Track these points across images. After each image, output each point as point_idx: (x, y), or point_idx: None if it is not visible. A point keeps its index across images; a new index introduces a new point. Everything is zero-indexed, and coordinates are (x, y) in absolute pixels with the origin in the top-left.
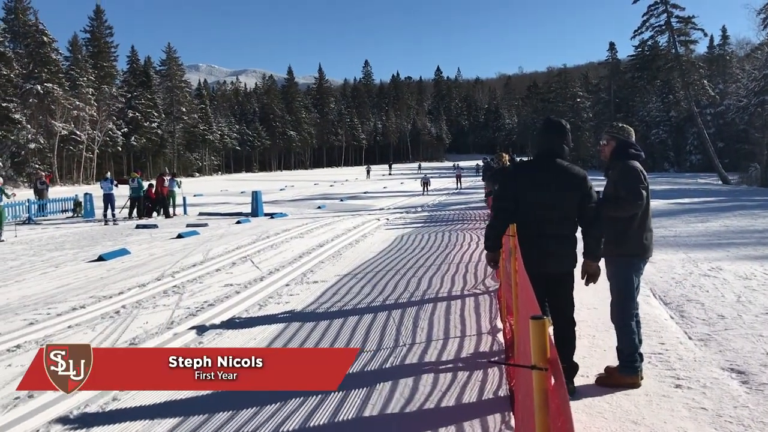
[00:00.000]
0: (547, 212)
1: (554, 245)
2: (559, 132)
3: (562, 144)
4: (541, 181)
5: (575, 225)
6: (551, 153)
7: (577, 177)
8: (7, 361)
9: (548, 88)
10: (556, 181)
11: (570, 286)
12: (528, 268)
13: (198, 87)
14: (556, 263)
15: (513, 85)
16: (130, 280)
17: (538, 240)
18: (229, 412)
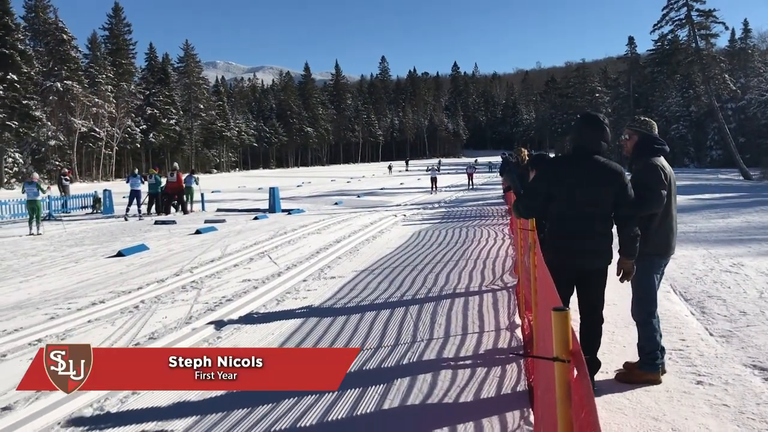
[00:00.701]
0: (583, 209)
1: (588, 242)
2: (597, 127)
3: (599, 140)
4: (578, 177)
5: (611, 222)
6: (588, 149)
7: (614, 173)
8: (29, 354)
9: (566, 83)
10: (592, 177)
11: (603, 283)
12: (559, 262)
13: (215, 84)
14: (589, 260)
15: (531, 80)
16: (149, 275)
17: (572, 236)
18: (245, 410)
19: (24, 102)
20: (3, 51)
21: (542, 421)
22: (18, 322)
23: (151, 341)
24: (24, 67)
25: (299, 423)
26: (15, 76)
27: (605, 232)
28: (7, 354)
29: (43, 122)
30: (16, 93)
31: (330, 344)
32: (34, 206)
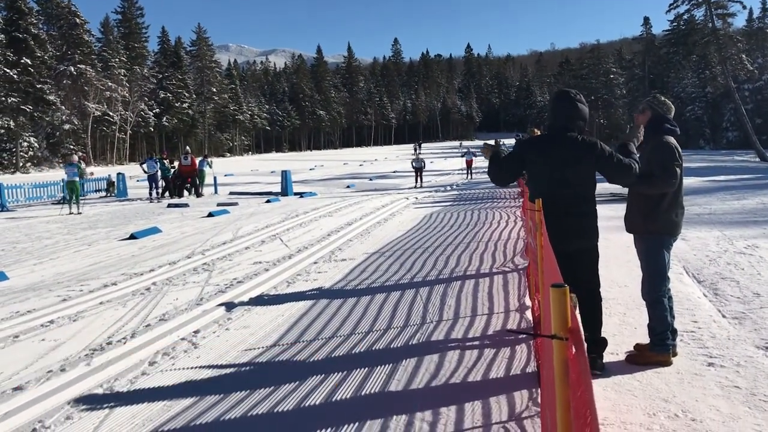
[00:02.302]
0: (559, 188)
1: (568, 221)
2: (568, 104)
3: (572, 117)
4: (551, 157)
5: (592, 201)
6: (561, 126)
7: (587, 147)
8: (41, 335)
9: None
10: (565, 155)
11: (592, 261)
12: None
13: (228, 67)
14: (570, 240)
15: (545, 61)
16: (161, 257)
17: (553, 217)
18: (247, 390)
19: (38, 86)
20: (17, 35)
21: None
22: (31, 303)
23: (161, 323)
24: (37, 51)
25: (304, 403)
26: (29, 60)
27: (586, 212)
28: (19, 335)
29: (57, 106)
30: (30, 77)
31: (339, 326)
32: (73, 186)
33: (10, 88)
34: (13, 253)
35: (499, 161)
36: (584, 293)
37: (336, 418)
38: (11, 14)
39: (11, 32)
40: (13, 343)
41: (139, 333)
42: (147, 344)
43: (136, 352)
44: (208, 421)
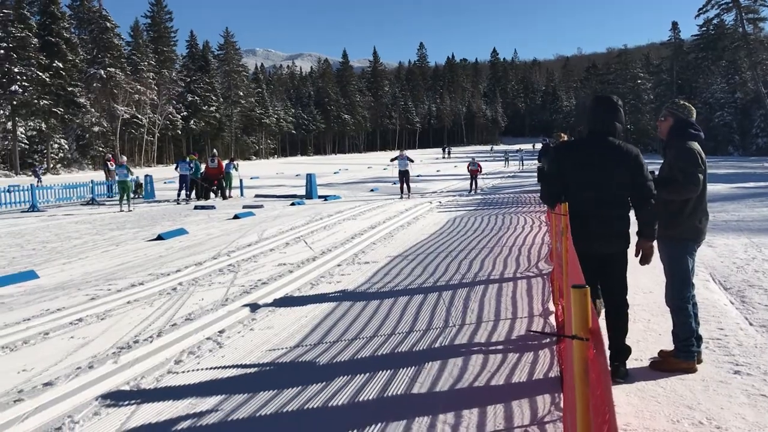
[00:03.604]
0: (597, 192)
1: (603, 226)
2: (610, 108)
3: (613, 121)
4: (590, 161)
5: (627, 205)
6: (602, 131)
7: (629, 155)
8: (71, 333)
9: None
10: (605, 159)
11: (620, 267)
12: (577, 247)
13: (255, 71)
14: (604, 244)
15: (571, 66)
16: (188, 258)
17: (586, 220)
18: (272, 391)
19: (69, 89)
20: (49, 39)
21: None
22: (60, 302)
23: (187, 322)
24: (69, 54)
25: (329, 403)
26: (60, 63)
27: (620, 216)
28: (49, 332)
29: (87, 109)
30: (61, 80)
31: (362, 328)
32: (124, 186)
33: (42, 90)
34: (43, 253)
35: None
36: (612, 299)
37: (360, 418)
38: (45, 19)
39: (44, 36)
40: (44, 340)
41: (166, 332)
42: (173, 343)
43: (162, 351)
44: (234, 420)
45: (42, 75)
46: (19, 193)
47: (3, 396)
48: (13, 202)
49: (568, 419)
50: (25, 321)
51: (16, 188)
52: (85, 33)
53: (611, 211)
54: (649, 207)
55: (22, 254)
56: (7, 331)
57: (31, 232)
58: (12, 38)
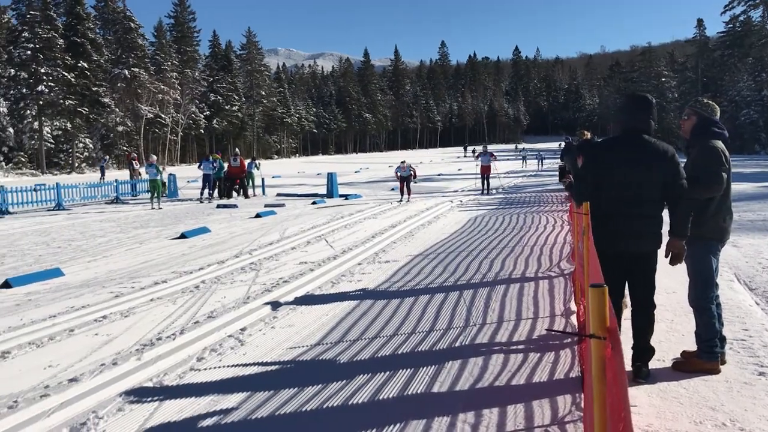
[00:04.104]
0: (630, 191)
1: (635, 224)
2: (646, 107)
3: (648, 120)
4: (625, 159)
5: (660, 204)
6: (637, 129)
7: (664, 153)
8: (95, 330)
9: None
10: (640, 157)
11: (650, 268)
12: (606, 246)
13: (277, 71)
14: (636, 243)
15: (594, 64)
16: (210, 256)
17: (619, 219)
18: (293, 389)
19: (94, 89)
20: (75, 40)
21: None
22: (85, 299)
23: (210, 320)
24: (94, 55)
25: (350, 401)
26: (86, 63)
27: (653, 215)
28: (74, 329)
29: (112, 108)
30: (86, 80)
31: (383, 326)
32: (154, 185)
33: (67, 91)
34: (68, 251)
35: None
36: (640, 299)
37: (381, 417)
38: (70, 20)
39: (70, 37)
40: (69, 337)
41: (188, 329)
42: (195, 341)
43: (184, 348)
44: (255, 417)
45: (67, 75)
46: (46, 192)
47: (30, 391)
48: (39, 200)
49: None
50: (50, 318)
51: (42, 187)
52: (109, 33)
53: (645, 210)
54: (682, 207)
55: (48, 252)
56: (33, 328)
57: (57, 230)
58: (39, 39)
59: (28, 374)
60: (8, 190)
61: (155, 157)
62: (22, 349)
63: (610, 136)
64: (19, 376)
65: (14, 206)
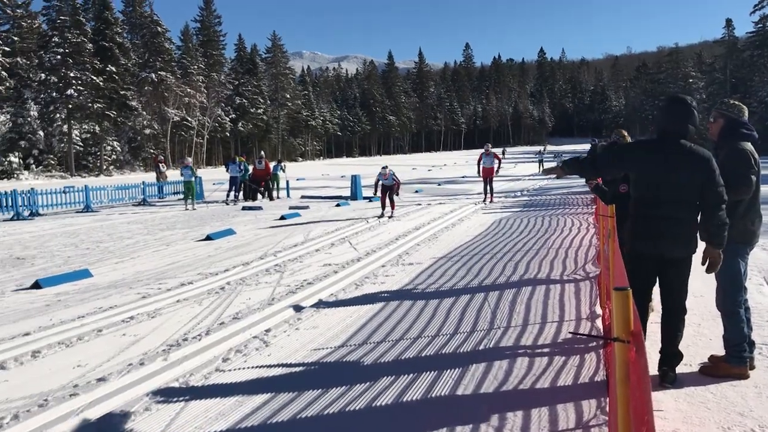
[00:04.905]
0: (666, 194)
1: (669, 228)
2: (685, 110)
3: (686, 123)
4: (661, 162)
5: (695, 209)
6: (674, 133)
7: (701, 158)
8: (122, 330)
9: (658, 68)
10: (677, 162)
11: (683, 272)
12: (638, 248)
13: (301, 74)
14: (668, 246)
15: (621, 65)
16: (235, 258)
17: (652, 222)
18: (318, 390)
19: (121, 92)
20: (103, 44)
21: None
22: (113, 300)
23: (235, 321)
24: (122, 59)
25: (374, 403)
26: (114, 67)
27: (689, 220)
28: (103, 329)
29: (139, 112)
30: (114, 84)
31: (407, 329)
32: (189, 186)
33: (96, 94)
34: (97, 252)
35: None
36: (670, 304)
37: (405, 419)
38: (99, 24)
39: (98, 41)
40: (97, 337)
41: (214, 330)
42: (221, 341)
43: (210, 349)
44: (280, 419)
45: (96, 79)
46: (74, 194)
47: (59, 390)
48: (68, 202)
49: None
50: (79, 318)
51: (71, 189)
52: (137, 38)
53: (679, 214)
54: (719, 212)
55: (77, 253)
56: (63, 328)
57: (86, 231)
58: (68, 44)
59: (57, 373)
60: (38, 192)
61: (190, 159)
62: (52, 349)
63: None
64: (49, 375)
65: (44, 208)
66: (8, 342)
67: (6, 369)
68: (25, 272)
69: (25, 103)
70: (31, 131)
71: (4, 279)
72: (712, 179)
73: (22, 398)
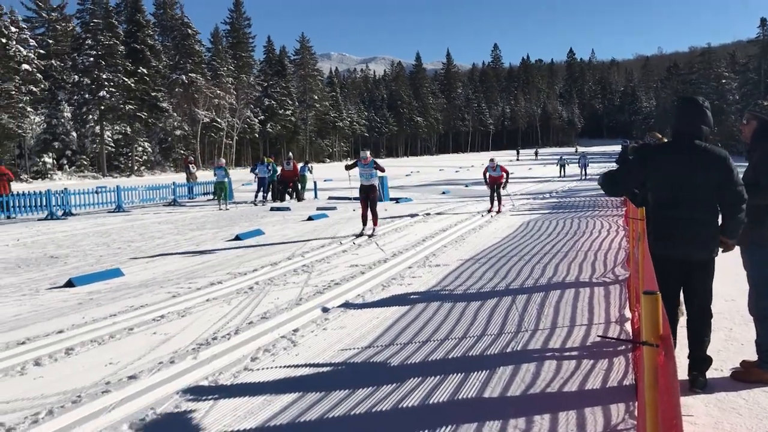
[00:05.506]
0: (682, 196)
1: (687, 229)
2: (697, 111)
3: (699, 124)
4: (677, 164)
5: (713, 210)
6: (688, 134)
7: (717, 158)
8: (153, 329)
9: (690, 68)
10: (692, 163)
11: (706, 275)
12: (660, 251)
13: (329, 75)
14: (690, 250)
15: (651, 66)
16: (264, 258)
17: (671, 224)
18: (345, 391)
19: (153, 94)
20: (135, 46)
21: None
22: (144, 299)
23: (263, 321)
24: (153, 61)
25: (401, 404)
26: (145, 69)
27: (707, 221)
28: (134, 328)
29: (170, 113)
30: (145, 86)
31: (434, 330)
32: (222, 186)
33: (127, 96)
34: (128, 251)
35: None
36: (695, 308)
37: (431, 420)
38: (131, 27)
39: (130, 44)
40: (128, 335)
41: (242, 330)
42: (249, 341)
43: (239, 348)
44: (308, 418)
45: (128, 81)
46: (106, 194)
47: (92, 387)
48: (100, 202)
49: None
50: (111, 316)
51: (103, 189)
52: (168, 40)
53: (697, 216)
54: (739, 213)
55: (109, 252)
56: (95, 326)
57: (117, 231)
58: (101, 46)
59: (90, 371)
60: (71, 192)
61: (223, 160)
62: (85, 347)
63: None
64: (82, 372)
65: (77, 208)
66: (43, 339)
67: (41, 365)
68: (59, 271)
69: (59, 104)
70: (64, 132)
71: (38, 277)
72: (729, 178)
73: (57, 394)
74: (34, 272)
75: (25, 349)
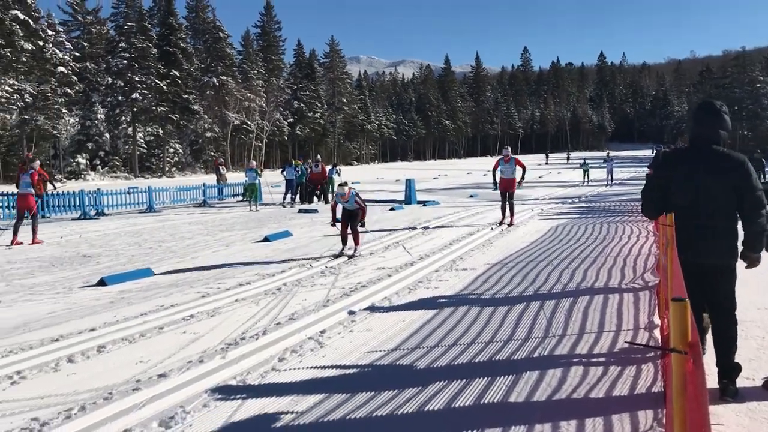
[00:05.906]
0: (701, 201)
1: (706, 235)
2: (714, 115)
3: (716, 128)
4: (694, 169)
5: (733, 216)
6: (705, 139)
7: (735, 162)
8: (183, 328)
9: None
10: (710, 168)
11: (727, 282)
12: (681, 257)
13: (358, 78)
14: (709, 256)
15: (683, 70)
16: (292, 261)
17: (690, 231)
18: (371, 392)
19: (184, 96)
20: (167, 49)
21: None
22: (174, 298)
23: (290, 322)
24: (185, 63)
25: (425, 407)
26: (177, 72)
27: (727, 227)
28: (164, 327)
29: (201, 115)
30: (177, 88)
31: (461, 334)
32: (252, 188)
33: (159, 98)
34: (159, 251)
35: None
36: (718, 314)
37: (456, 424)
38: (163, 30)
39: (163, 47)
40: (158, 334)
41: (270, 330)
42: (277, 341)
43: (266, 348)
44: (334, 418)
45: (160, 83)
46: (138, 195)
47: (123, 384)
48: (132, 203)
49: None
50: (142, 315)
51: (135, 190)
52: (199, 43)
53: (715, 222)
54: (759, 219)
55: (140, 252)
56: (126, 325)
57: (148, 231)
58: (134, 49)
59: (121, 368)
60: (104, 193)
61: (255, 162)
62: (116, 345)
63: None
64: (113, 370)
65: (109, 208)
66: (76, 336)
67: (74, 362)
68: (92, 270)
69: (93, 106)
70: (97, 133)
71: (72, 276)
72: (747, 183)
73: (89, 391)
74: (68, 271)
75: (58, 346)
